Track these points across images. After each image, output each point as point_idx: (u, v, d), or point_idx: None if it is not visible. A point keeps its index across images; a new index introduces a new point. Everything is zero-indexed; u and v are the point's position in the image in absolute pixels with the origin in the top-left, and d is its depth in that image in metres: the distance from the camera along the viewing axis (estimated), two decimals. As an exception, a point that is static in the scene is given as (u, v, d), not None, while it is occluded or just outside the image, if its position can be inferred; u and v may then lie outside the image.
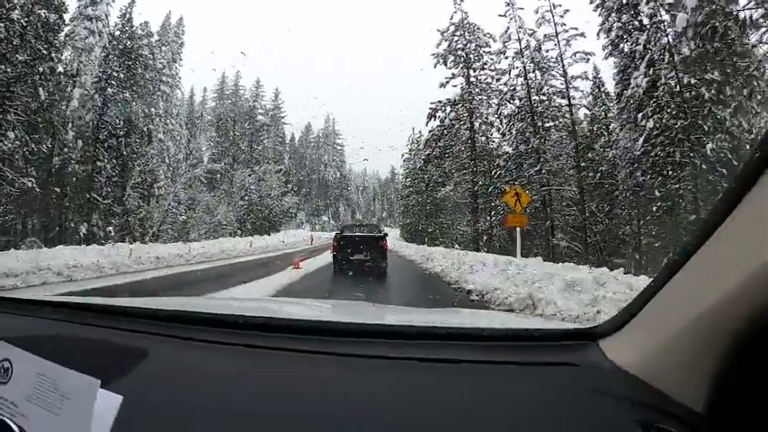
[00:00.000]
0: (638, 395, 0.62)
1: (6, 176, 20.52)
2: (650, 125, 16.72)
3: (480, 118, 23.84)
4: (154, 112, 35.17)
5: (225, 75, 63.60)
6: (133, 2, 30.27)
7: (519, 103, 21.52)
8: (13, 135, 21.26)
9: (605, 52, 22.81)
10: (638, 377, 0.64)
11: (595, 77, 24.59)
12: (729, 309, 0.50)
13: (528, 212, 20.62)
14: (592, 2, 21.09)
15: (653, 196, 16.60)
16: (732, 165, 14.63)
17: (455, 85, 24.46)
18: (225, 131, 57.61)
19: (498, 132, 23.62)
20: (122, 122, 28.56)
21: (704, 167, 15.50)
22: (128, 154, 28.99)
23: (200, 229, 29.76)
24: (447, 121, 23.43)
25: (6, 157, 20.25)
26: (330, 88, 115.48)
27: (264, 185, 36.58)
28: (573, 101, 21.04)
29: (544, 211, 20.07)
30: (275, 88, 68.27)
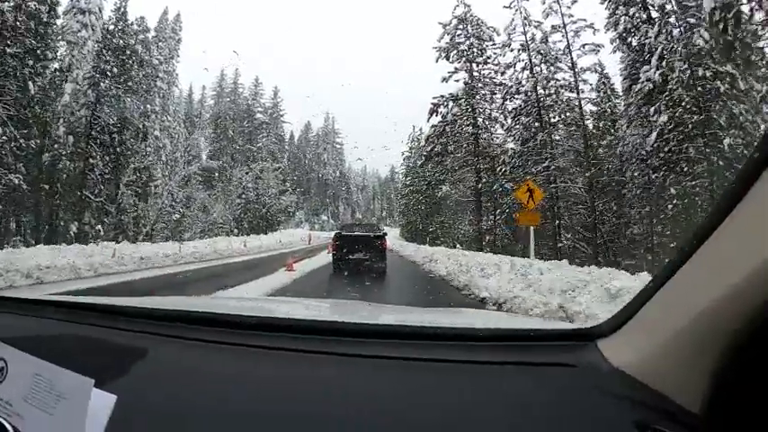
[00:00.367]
0: (636, 396, 0.62)
1: (-9, 173, 19.75)
2: (664, 119, 15.93)
3: (483, 113, 23.04)
4: (150, 108, 34.50)
5: (224, 73, 63.03)
6: (127, -5, 29.36)
7: (524, 97, 20.69)
8: (0, 130, 20.50)
9: (613, 46, 22.15)
10: (635, 378, 0.64)
11: (601, 73, 23.86)
12: (728, 308, 0.49)
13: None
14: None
15: (667, 194, 15.83)
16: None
17: (457, 80, 23.73)
18: (223, 129, 57.13)
19: (503, 128, 22.85)
20: (116, 119, 27.81)
21: (721, 164, 14.75)
22: (122, 151, 28.26)
23: (195, 228, 28.98)
24: (450, 116, 22.59)
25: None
26: (329, 87, 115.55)
27: (262, 183, 35.78)
28: (582, 94, 20.26)
29: (551, 210, 19.28)
30: (274, 86, 67.71)
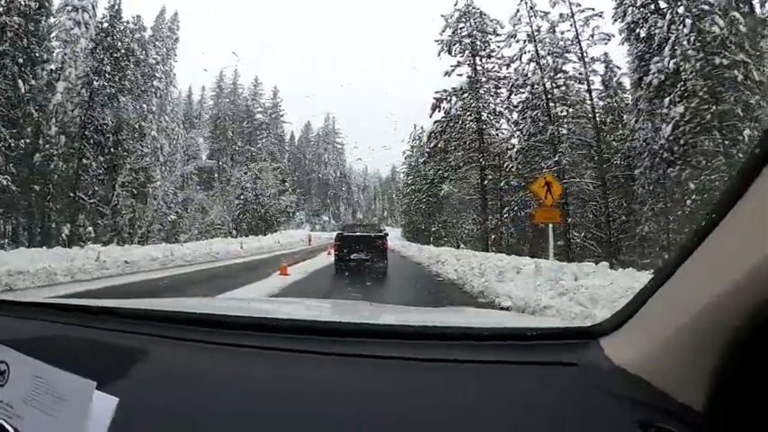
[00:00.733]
0: (637, 394, 0.61)
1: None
2: (680, 111, 15.16)
3: (488, 108, 22.23)
4: (146, 108, 33.84)
5: (223, 73, 62.40)
6: (122, -8, 28.63)
7: (531, 89, 19.87)
8: (-12, 130, 19.82)
9: (621, 37, 21.37)
10: (637, 376, 0.63)
11: (608, 65, 23.08)
12: (730, 305, 0.49)
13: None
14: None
15: (684, 189, 15.04)
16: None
17: (460, 74, 22.93)
18: (222, 130, 56.60)
19: (508, 123, 22.05)
20: (111, 118, 27.10)
21: (741, 156, 13.97)
22: (117, 151, 27.55)
23: (193, 229, 28.24)
24: (453, 111, 21.77)
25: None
26: (329, 88, 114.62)
27: (260, 183, 34.99)
28: (592, 86, 19.45)
29: (561, 207, 18.47)
30: (274, 86, 66.90)
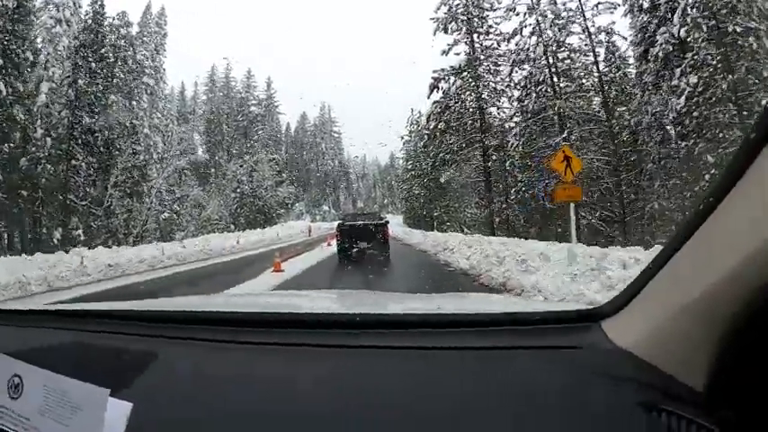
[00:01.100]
0: (640, 376, 0.62)
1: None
2: (693, 81, 14.34)
3: (488, 87, 21.30)
4: (136, 105, 33.06)
5: (215, 67, 61.49)
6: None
7: (534, 64, 18.91)
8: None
9: (624, 9, 20.42)
10: (640, 358, 0.64)
11: (609, 41, 22.16)
12: (731, 286, 0.49)
13: (550, 190, 18.30)
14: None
15: (701, 164, 14.25)
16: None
17: (457, 53, 21.94)
18: (217, 124, 56.03)
19: (509, 102, 21.11)
20: (99, 117, 26.31)
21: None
22: (107, 151, 26.81)
23: (189, 226, 27.56)
24: (453, 89, 20.82)
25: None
26: (329, 88, 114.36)
27: (257, 176, 34.10)
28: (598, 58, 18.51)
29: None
30: (267, 77, 66.05)
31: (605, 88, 18.66)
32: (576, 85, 18.56)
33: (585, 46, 18.88)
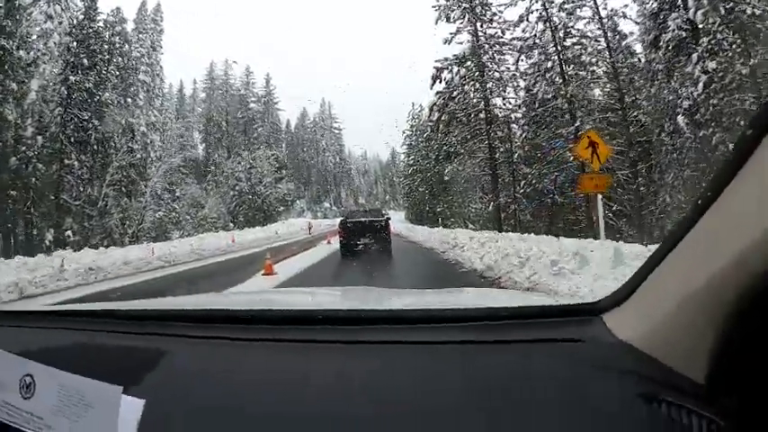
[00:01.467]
0: (641, 368, 0.62)
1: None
2: (712, 66, 13.57)
3: (493, 77, 20.48)
4: (132, 103, 32.43)
5: (213, 63, 60.85)
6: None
7: (542, 51, 18.11)
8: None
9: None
10: (641, 350, 0.64)
11: (614, 30, 21.35)
12: (733, 277, 0.49)
13: (560, 182, 17.53)
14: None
15: (721, 153, 13.50)
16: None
17: (460, 42, 21.12)
18: (216, 122, 55.56)
19: (515, 91, 20.30)
20: (92, 115, 25.60)
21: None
22: (102, 149, 26.13)
23: (185, 224, 26.88)
24: (457, 79, 20.01)
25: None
26: (329, 88, 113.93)
27: (255, 172, 33.29)
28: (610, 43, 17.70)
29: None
30: (266, 73, 65.40)
31: (619, 76, 17.83)
32: (588, 71, 17.73)
33: (598, 29, 18.06)
